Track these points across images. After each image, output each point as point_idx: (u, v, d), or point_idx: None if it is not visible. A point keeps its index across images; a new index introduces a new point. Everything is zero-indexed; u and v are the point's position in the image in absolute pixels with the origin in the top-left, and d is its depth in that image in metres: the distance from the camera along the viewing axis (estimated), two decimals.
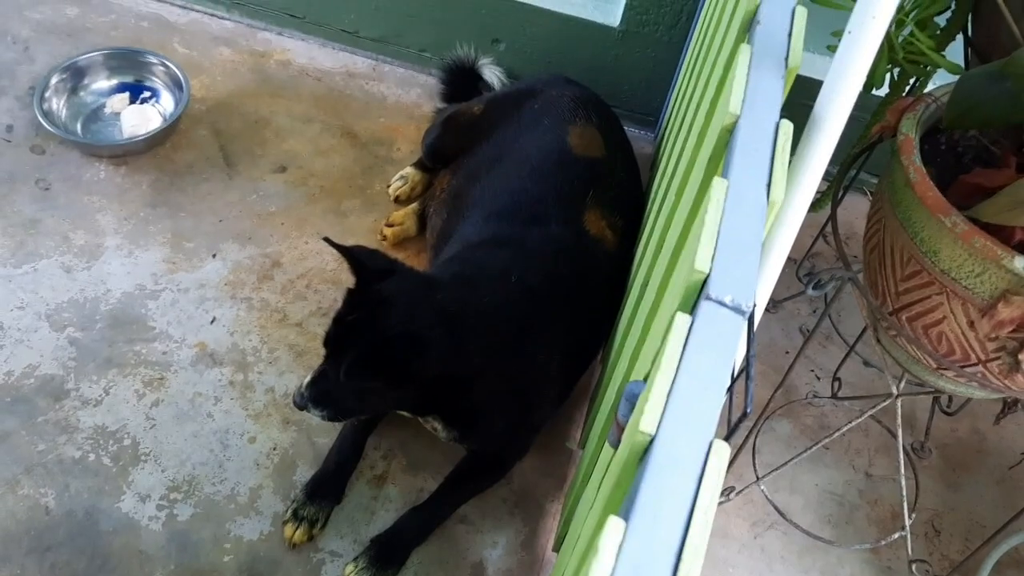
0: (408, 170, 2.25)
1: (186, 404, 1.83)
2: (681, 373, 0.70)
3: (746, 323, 0.72)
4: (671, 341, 0.72)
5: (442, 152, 2.12)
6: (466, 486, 1.74)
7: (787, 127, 0.87)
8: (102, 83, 2.32)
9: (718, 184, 0.81)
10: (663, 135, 2.04)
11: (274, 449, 1.80)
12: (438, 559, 1.70)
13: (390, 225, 2.14)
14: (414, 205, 2.18)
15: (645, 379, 0.86)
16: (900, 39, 1.38)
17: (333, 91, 2.49)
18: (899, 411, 1.43)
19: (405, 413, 1.71)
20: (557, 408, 1.79)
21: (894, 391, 1.40)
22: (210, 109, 2.35)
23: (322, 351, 1.56)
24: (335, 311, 1.53)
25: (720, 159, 0.92)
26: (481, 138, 2.01)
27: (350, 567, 1.64)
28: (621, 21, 2.29)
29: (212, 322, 1.96)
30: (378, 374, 1.44)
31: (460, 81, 2.44)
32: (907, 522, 1.59)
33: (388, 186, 2.25)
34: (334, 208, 2.22)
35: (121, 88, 2.33)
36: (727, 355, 0.70)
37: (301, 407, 1.54)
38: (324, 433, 1.82)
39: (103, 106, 2.30)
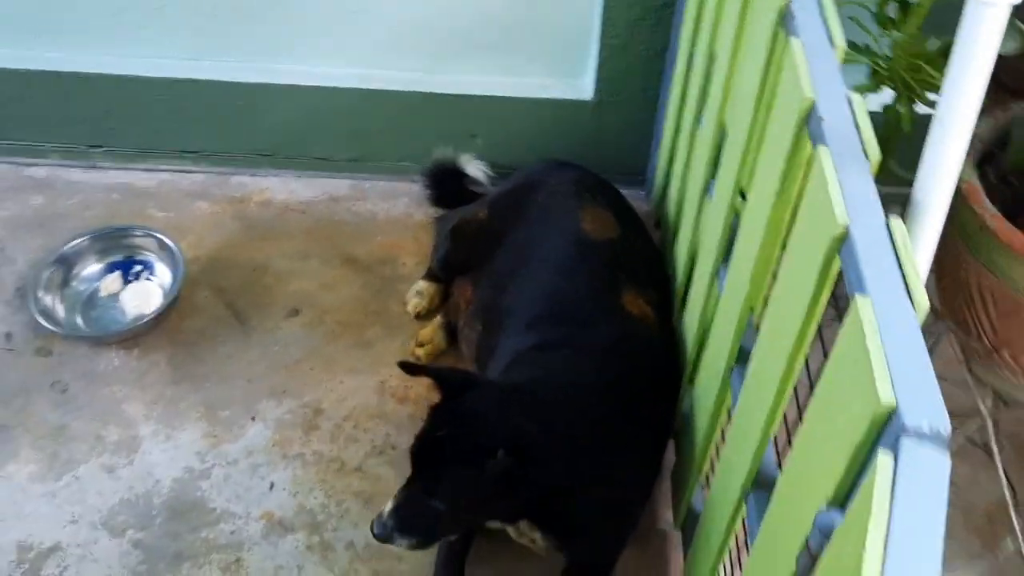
0: (421, 284, 2.24)
1: None
2: (895, 521, 0.70)
3: (947, 451, 0.72)
4: (878, 486, 0.72)
5: (455, 265, 2.12)
6: None
7: (901, 227, 0.88)
8: (92, 268, 2.27)
9: (863, 304, 0.81)
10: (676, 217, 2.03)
11: None
12: None
13: (420, 345, 2.12)
14: (437, 319, 2.17)
15: (827, 504, 0.85)
16: None
17: (321, 221, 2.47)
18: (991, 429, 1.46)
19: (495, 525, 1.68)
20: (649, 496, 1.78)
21: (984, 411, 1.42)
22: (204, 268, 2.31)
23: (390, 490, 1.53)
24: (419, 430, 1.50)
25: (828, 273, 0.93)
26: (494, 244, 2.01)
27: None
28: (594, 93, 2.32)
29: (271, 488, 1.91)
30: (486, 487, 1.41)
31: (445, 181, 2.44)
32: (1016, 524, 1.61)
33: (405, 304, 2.24)
34: (357, 341, 2.19)
35: (111, 268, 2.28)
36: (940, 496, 0.70)
37: (384, 538, 1.49)
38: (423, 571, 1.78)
39: (97, 291, 2.25)
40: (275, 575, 1.78)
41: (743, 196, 1.42)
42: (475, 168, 2.42)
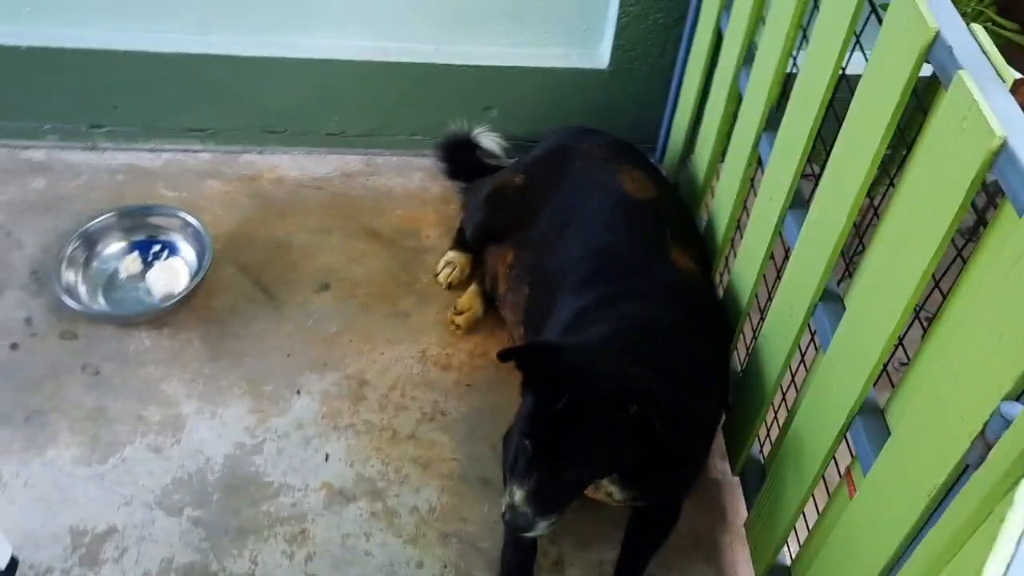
0: (452, 254, 2.25)
1: (339, 550, 1.76)
2: None
3: None
4: None
5: (494, 230, 2.13)
6: (648, 545, 1.75)
7: None
8: (114, 247, 2.20)
9: None
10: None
11: (445, 567, 1.75)
12: None
13: (459, 313, 2.13)
14: (473, 286, 2.18)
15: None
16: None
17: (338, 196, 2.45)
18: None
19: None
20: (713, 440, 1.83)
21: None
22: (226, 246, 2.27)
23: (446, 455, 1.63)
24: (523, 411, 1.51)
25: (975, 186, 0.99)
26: (534, 208, 2.03)
27: None
28: (609, 62, 2.36)
29: (326, 459, 1.90)
30: (622, 444, 1.44)
31: (459, 155, 2.45)
32: None
33: (436, 275, 2.24)
34: (392, 311, 2.18)
35: (131, 248, 2.21)
36: None
37: (527, 528, 1.49)
38: (485, 536, 1.80)
39: (117, 271, 2.18)
40: (343, 543, 1.77)
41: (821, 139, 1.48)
42: (489, 140, 2.43)
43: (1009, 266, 0.92)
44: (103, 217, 2.18)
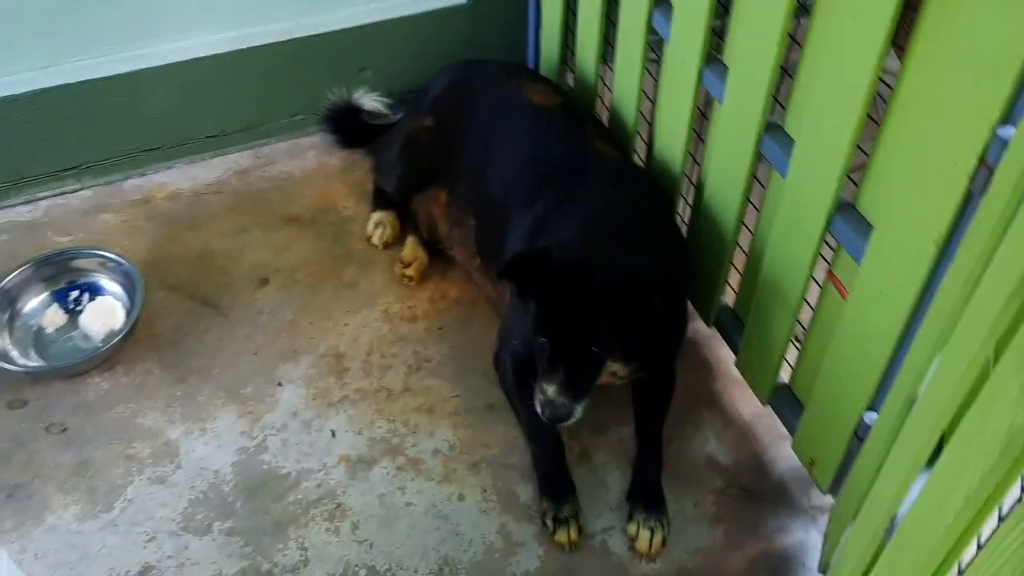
0: (377, 215, 2.27)
1: (380, 510, 1.78)
2: None
3: None
4: None
5: (415, 179, 2.16)
6: (658, 411, 1.87)
7: None
8: (34, 301, 2.07)
9: None
10: None
11: (485, 492, 1.81)
12: (682, 477, 1.84)
13: (407, 264, 2.16)
14: (411, 238, 2.21)
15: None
16: None
17: (240, 195, 2.40)
18: None
19: None
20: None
21: None
22: (147, 272, 2.17)
23: (445, 395, 1.81)
24: (531, 316, 1.60)
25: None
26: (452, 142, 2.08)
27: (632, 526, 1.73)
28: None
29: (333, 436, 1.90)
30: (634, 321, 1.56)
31: (346, 123, 2.46)
32: None
33: (369, 239, 2.25)
34: (339, 284, 2.18)
35: (50, 301, 2.09)
36: None
37: (567, 416, 1.59)
38: (510, 453, 1.87)
39: (42, 328, 2.06)
40: (381, 503, 1.79)
41: None
42: (371, 101, 2.45)
43: None
44: (18, 271, 2.05)
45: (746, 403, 1.96)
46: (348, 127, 2.46)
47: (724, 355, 2.03)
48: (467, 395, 1.97)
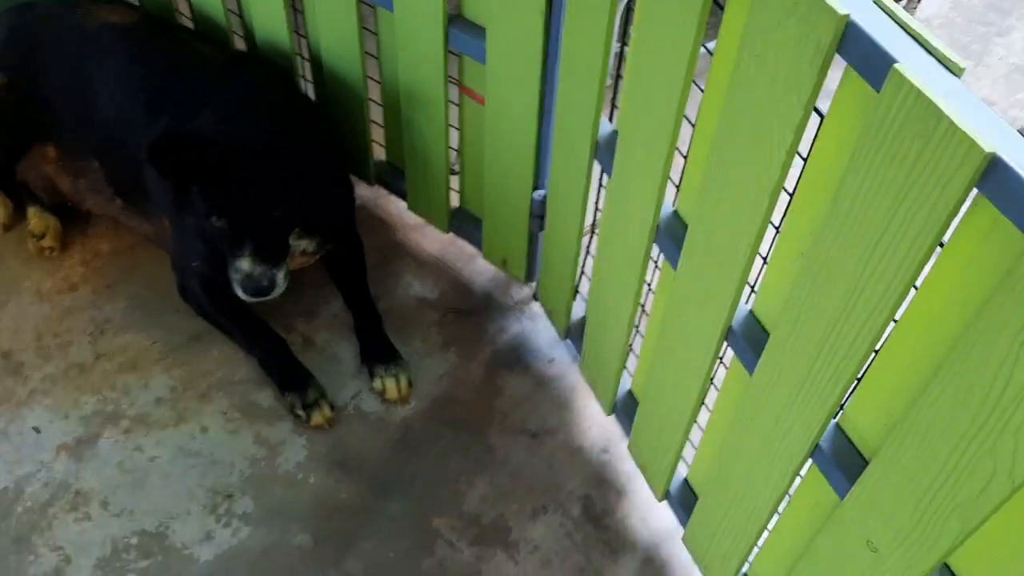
0: None
1: (124, 476, 1.68)
2: None
3: None
4: None
5: (9, 146, 1.93)
6: (358, 275, 1.93)
7: None
8: None
9: None
10: None
11: (226, 414, 1.78)
12: (401, 324, 1.93)
13: (41, 236, 1.96)
14: (32, 209, 1.99)
15: None
16: None
17: None
18: None
19: None
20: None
21: None
22: None
23: (143, 344, 1.77)
24: (195, 203, 1.58)
25: None
26: (37, 93, 1.88)
27: (377, 382, 1.81)
28: None
29: (39, 432, 1.73)
30: (295, 176, 1.57)
31: None
32: None
33: None
34: None
35: None
36: None
37: (271, 286, 1.58)
38: (235, 370, 1.84)
39: None
40: (122, 471, 1.69)
41: None
42: None
43: None
44: None
45: (429, 240, 2.08)
46: None
47: (393, 207, 2.12)
48: (166, 336, 1.88)
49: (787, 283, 1.06)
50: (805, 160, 1.03)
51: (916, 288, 0.91)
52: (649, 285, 1.50)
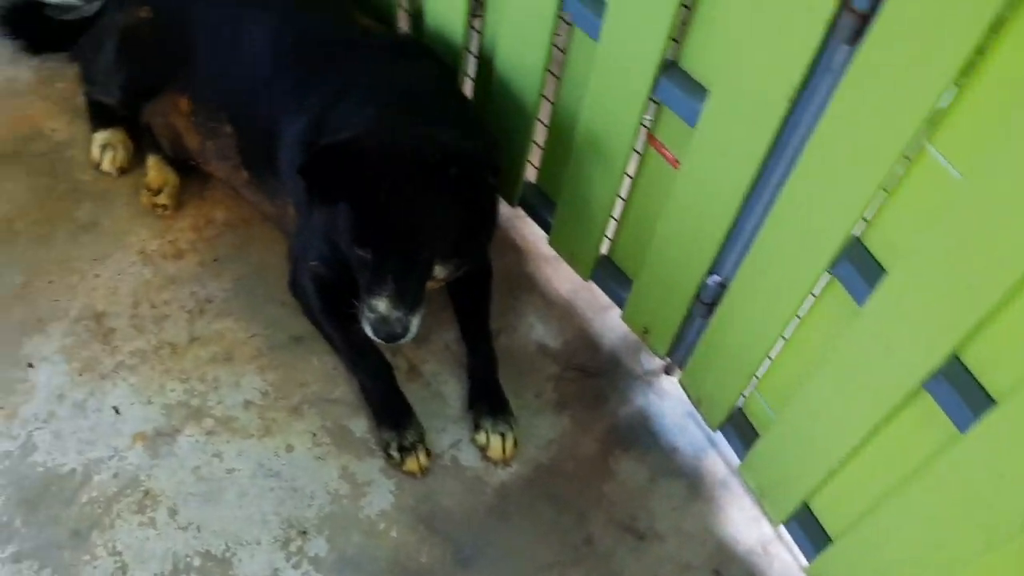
0: (102, 135, 1.87)
1: (200, 484, 1.54)
2: None
3: None
4: None
5: (143, 84, 1.78)
6: (480, 306, 1.75)
7: None
8: None
9: None
10: None
11: (315, 435, 1.62)
12: (516, 371, 1.75)
13: (157, 191, 1.81)
14: (152, 158, 1.85)
15: None
16: None
17: None
18: None
19: None
20: None
21: None
22: None
23: (242, 337, 1.57)
24: (342, 223, 1.39)
25: None
26: (181, 34, 1.71)
27: (481, 436, 1.63)
28: None
29: (118, 412, 1.60)
30: (460, 205, 1.41)
31: (28, 22, 1.99)
32: None
33: (98, 166, 1.86)
34: (75, 228, 1.80)
35: None
36: None
37: (404, 332, 1.41)
38: (332, 386, 1.68)
39: None
40: (197, 478, 1.55)
41: None
42: None
43: None
44: None
45: (562, 280, 1.89)
46: (32, 28, 1.98)
47: (530, 234, 1.93)
48: (267, 331, 1.73)
49: None
50: None
51: None
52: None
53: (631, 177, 1.59)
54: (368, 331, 1.44)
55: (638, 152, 1.54)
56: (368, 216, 1.35)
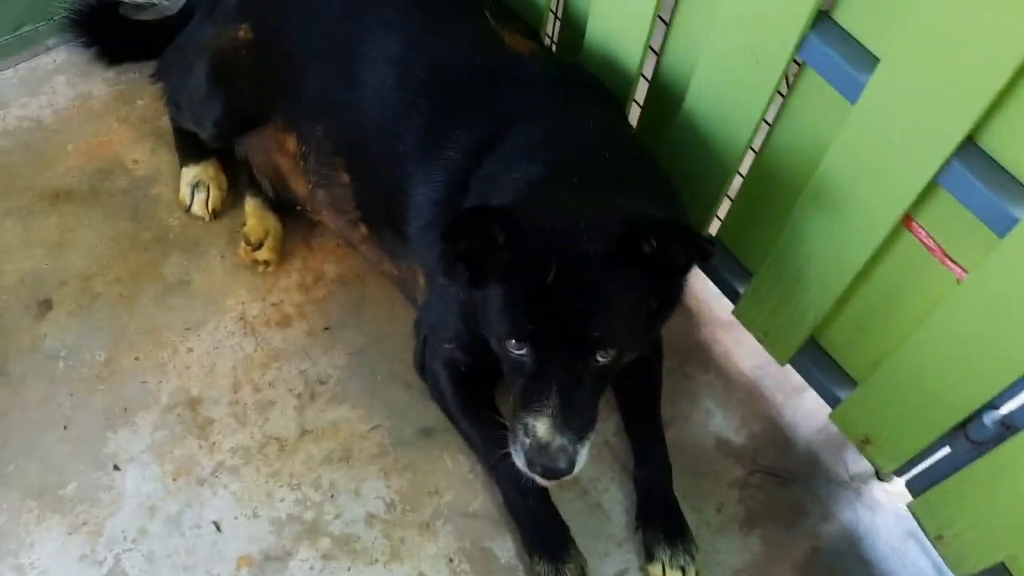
0: (191, 172, 1.57)
1: None
2: None
3: None
4: None
5: (241, 116, 1.46)
6: (651, 398, 1.43)
7: None
8: None
9: None
10: None
11: (452, 561, 1.34)
12: (691, 473, 1.42)
13: (257, 246, 1.51)
14: (251, 202, 1.55)
15: None
16: None
17: None
18: None
19: None
20: None
21: None
22: None
23: (361, 429, 1.30)
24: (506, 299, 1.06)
25: None
26: (287, 59, 1.38)
27: (656, 568, 1.32)
28: None
29: (218, 529, 1.33)
30: (653, 292, 1.09)
31: (102, 25, 1.68)
32: None
33: (187, 208, 1.56)
34: (163, 287, 1.52)
35: None
36: None
37: (570, 467, 1.08)
38: (469, 495, 1.39)
39: None
40: None
41: None
42: None
43: None
44: None
45: (744, 351, 1.54)
46: (106, 31, 1.68)
47: (703, 290, 1.58)
48: (390, 422, 1.43)
49: None
50: None
51: None
52: None
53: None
54: (519, 462, 1.12)
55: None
56: (530, 304, 1.02)
